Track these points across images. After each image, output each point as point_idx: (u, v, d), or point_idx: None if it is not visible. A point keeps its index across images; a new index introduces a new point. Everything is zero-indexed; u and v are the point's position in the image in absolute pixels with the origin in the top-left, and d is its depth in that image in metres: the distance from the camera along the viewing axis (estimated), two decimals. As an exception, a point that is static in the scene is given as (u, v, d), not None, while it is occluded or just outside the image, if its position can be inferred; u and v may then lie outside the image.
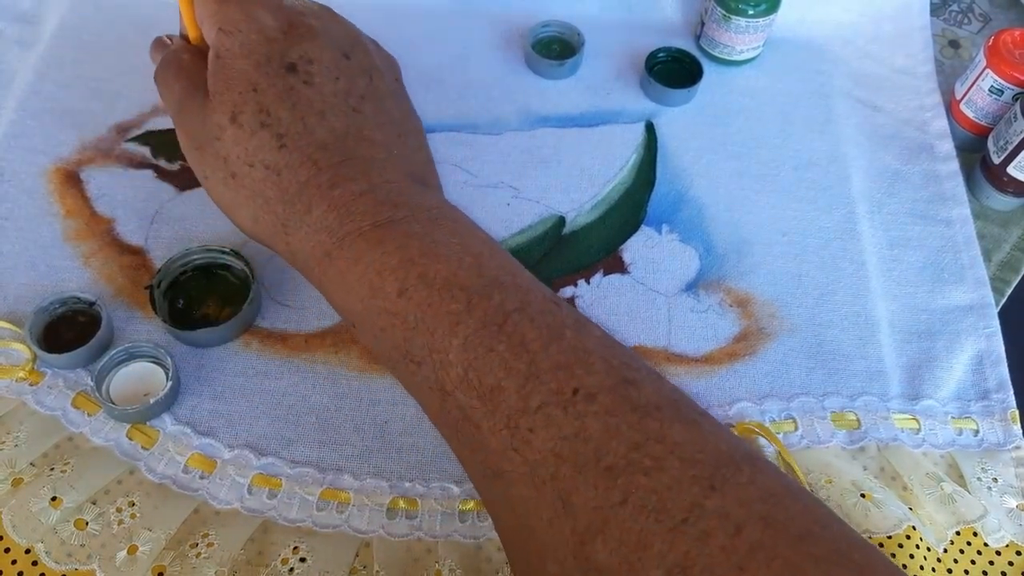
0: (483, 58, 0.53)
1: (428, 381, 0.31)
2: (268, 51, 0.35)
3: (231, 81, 0.35)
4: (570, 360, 0.30)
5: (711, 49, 0.54)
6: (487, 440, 0.30)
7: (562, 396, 0.29)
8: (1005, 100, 0.49)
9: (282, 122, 0.35)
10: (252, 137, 0.34)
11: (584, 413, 0.28)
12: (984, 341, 0.44)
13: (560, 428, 0.28)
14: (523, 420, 0.29)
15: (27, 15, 0.51)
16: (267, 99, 0.35)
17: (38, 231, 0.43)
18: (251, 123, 0.34)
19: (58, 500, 0.35)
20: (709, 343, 0.43)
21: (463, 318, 0.31)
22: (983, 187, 0.50)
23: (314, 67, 0.36)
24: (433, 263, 0.32)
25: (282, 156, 0.34)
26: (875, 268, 0.46)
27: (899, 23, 0.57)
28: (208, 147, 0.36)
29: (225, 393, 0.39)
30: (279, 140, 0.34)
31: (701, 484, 0.26)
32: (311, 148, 0.35)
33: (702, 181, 0.49)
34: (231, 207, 0.36)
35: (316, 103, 0.35)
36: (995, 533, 0.38)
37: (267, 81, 0.35)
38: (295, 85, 0.35)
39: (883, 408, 0.41)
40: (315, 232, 0.34)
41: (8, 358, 0.39)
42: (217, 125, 0.35)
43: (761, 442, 0.39)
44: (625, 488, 0.27)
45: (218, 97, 0.35)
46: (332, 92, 0.36)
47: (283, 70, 0.35)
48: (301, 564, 0.35)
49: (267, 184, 0.34)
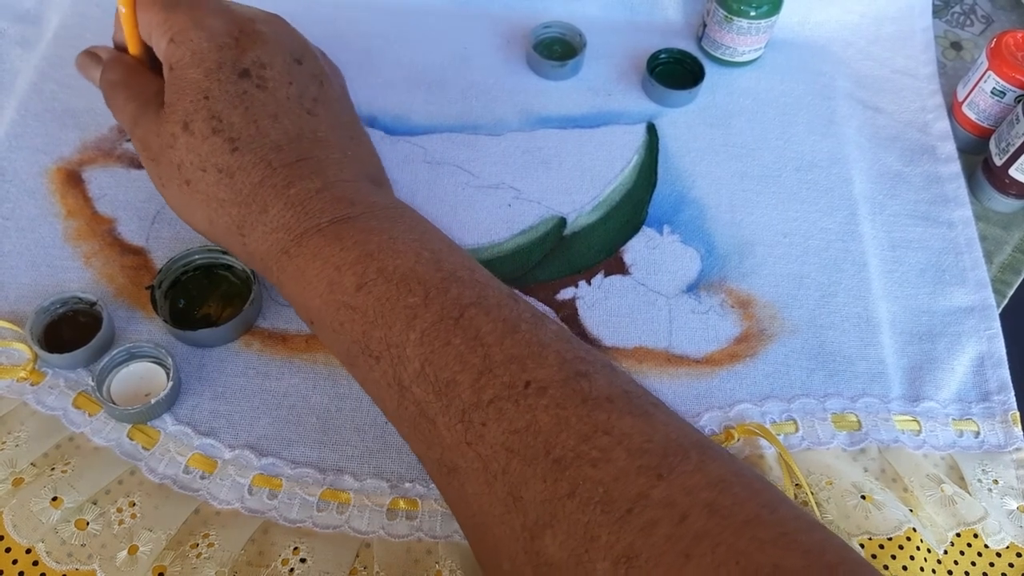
0: (485, 59, 0.53)
1: (386, 376, 0.32)
2: (220, 58, 0.35)
3: (183, 91, 0.35)
4: (524, 353, 0.30)
5: (713, 50, 0.54)
6: (442, 435, 0.30)
7: (514, 389, 0.29)
8: (1007, 102, 0.49)
9: (234, 126, 0.35)
10: (204, 142, 0.35)
11: (535, 406, 0.29)
12: (985, 343, 0.44)
13: (511, 421, 0.28)
14: (476, 414, 0.29)
15: (29, 15, 0.51)
16: (218, 105, 0.35)
17: (39, 231, 0.43)
18: (202, 129, 0.35)
19: (59, 500, 0.35)
20: (710, 344, 0.43)
21: (420, 312, 0.31)
22: (985, 189, 0.50)
23: (267, 72, 0.36)
24: (392, 257, 0.33)
25: (235, 159, 0.35)
26: (876, 270, 0.46)
27: (901, 25, 0.57)
28: (163, 156, 0.36)
29: (226, 393, 0.39)
30: (231, 144, 0.35)
31: (647, 474, 0.27)
32: (264, 149, 0.35)
33: (703, 182, 0.49)
34: (187, 212, 0.37)
35: (269, 106, 0.36)
36: (996, 535, 0.38)
37: (219, 88, 0.35)
38: (248, 89, 0.36)
39: (884, 410, 0.41)
40: (272, 231, 0.35)
41: (9, 358, 0.39)
42: (170, 134, 0.36)
43: (762, 443, 0.39)
44: (573, 480, 0.27)
45: (171, 107, 0.36)
46: (286, 96, 0.36)
47: (235, 76, 0.36)
48: (301, 565, 0.35)
49: (220, 187, 0.35)
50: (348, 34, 0.53)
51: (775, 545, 0.25)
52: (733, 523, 0.26)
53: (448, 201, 0.47)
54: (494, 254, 0.45)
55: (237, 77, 0.36)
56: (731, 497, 0.26)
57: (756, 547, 0.25)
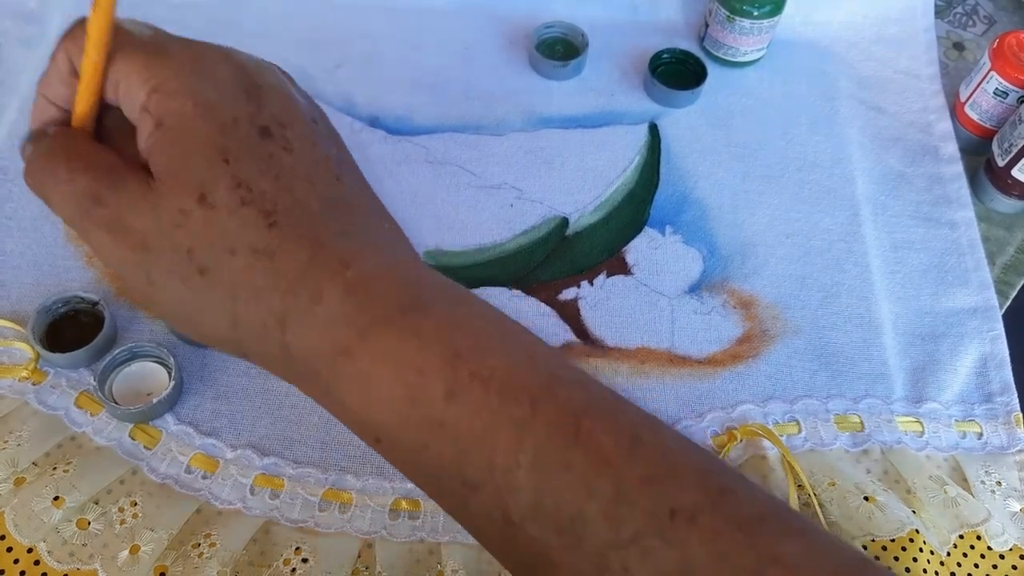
0: (487, 59, 0.53)
1: (487, 509, 0.26)
2: (234, 111, 0.28)
3: (190, 152, 0.27)
4: (658, 473, 0.25)
5: (715, 51, 0.54)
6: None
7: (658, 521, 0.24)
8: (1010, 102, 0.49)
9: (267, 196, 0.28)
10: (231, 217, 0.27)
11: (687, 541, 0.24)
12: (988, 344, 0.44)
13: (660, 562, 0.24)
14: (614, 555, 0.24)
15: (31, 14, 0.51)
16: (244, 170, 0.28)
17: (42, 231, 0.43)
18: (228, 201, 0.27)
19: (60, 499, 0.35)
20: (712, 345, 0.43)
21: (529, 426, 0.25)
22: (987, 190, 0.50)
23: (288, 132, 0.29)
24: (483, 356, 0.27)
25: (274, 235, 0.27)
26: (879, 270, 0.46)
27: (903, 25, 0.57)
28: (160, 242, 0.28)
29: (228, 393, 0.39)
30: (268, 217, 0.27)
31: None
32: (308, 222, 0.28)
33: (706, 183, 0.49)
34: (194, 314, 0.29)
35: (300, 171, 0.29)
36: (999, 537, 0.38)
37: (240, 148, 0.28)
38: (274, 152, 0.28)
39: (887, 411, 0.41)
40: (328, 325, 0.27)
41: (11, 357, 0.39)
42: (178, 211, 0.27)
43: (764, 444, 0.39)
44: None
45: (174, 177, 0.27)
46: (313, 159, 0.30)
47: (256, 135, 0.28)
48: (303, 564, 0.35)
49: (255, 273, 0.27)
50: (350, 35, 0.53)
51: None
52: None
53: (450, 201, 0.46)
54: (496, 254, 0.45)
55: (258, 137, 0.28)
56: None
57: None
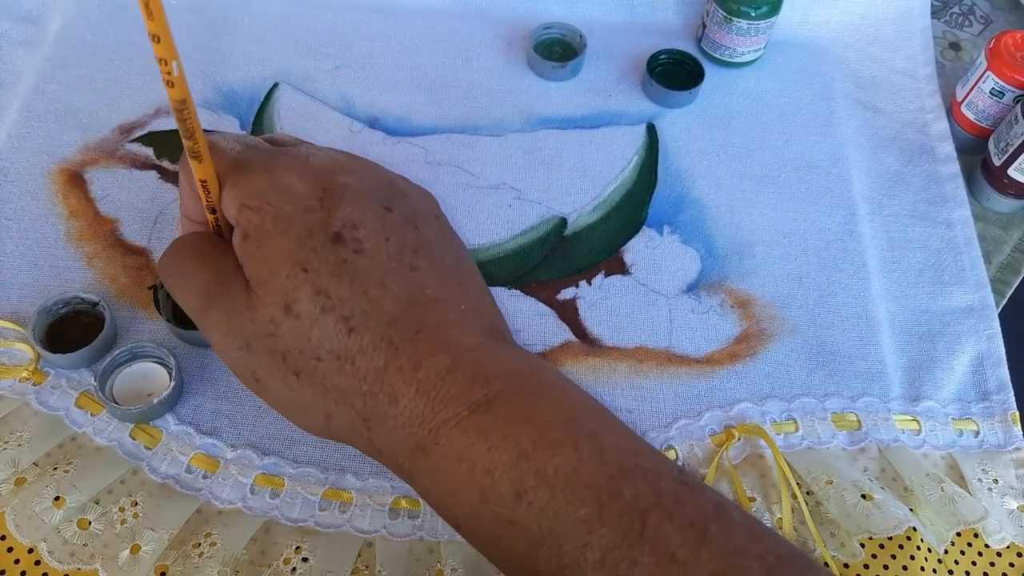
0: (485, 60, 0.53)
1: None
2: (307, 223, 0.30)
3: (273, 265, 0.30)
4: (725, 567, 0.25)
5: (712, 51, 0.54)
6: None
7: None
8: (1006, 102, 0.49)
9: (345, 302, 0.29)
10: (314, 326, 0.29)
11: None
12: (985, 343, 0.44)
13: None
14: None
15: (31, 16, 0.52)
16: (322, 279, 0.29)
17: (42, 232, 0.43)
18: (310, 310, 0.29)
19: (61, 500, 0.35)
20: (710, 344, 0.43)
21: (595, 526, 0.26)
22: (984, 189, 0.50)
23: (360, 232, 0.31)
24: (549, 455, 0.27)
25: (353, 341, 0.29)
26: (876, 269, 0.46)
27: (900, 25, 0.57)
28: (259, 345, 0.30)
29: (228, 393, 0.39)
30: (346, 324, 0.29)
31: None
32: (382, 326, 0.30)
33: (703, 183, 0.49)
34: (295, 410, 0.31)
35: (374, 272, 0.30)
36: (996, 534, 0.38)
37: (316, 257, 0.30)
38: (347, 257, 0.30)
39: (884, 409, 0.42)
40: (404, 424, 0.29)
41: (12, 358, 0.39)
42: (269, 320, 0.30)
43: (762, 443, 0.40)
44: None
45: (263, 287, 0.30)
46: (386, 256, 0.31)
47: (329, 242, 0.30)
48: (303, 564, 0.35)
49: (340, 377, 0.30)
50: (350, 36, 0.53)
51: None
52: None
53: (449, 202, 0.47)
54: (495, 254, 0.45)
55: (331, 243, 0.30)
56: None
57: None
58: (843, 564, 0.37)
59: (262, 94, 0.50)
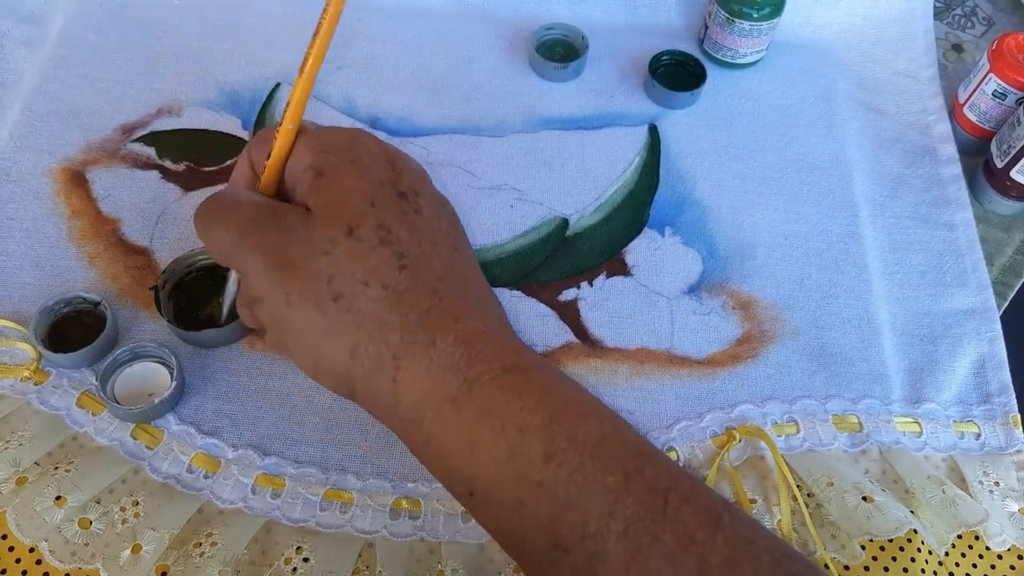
0: (487, 61, 0.53)
1: (576, 572, 0.26)
2: (380, 175, 0.32)
3: (344, 196, 0.32)
4: (737, 554, 0.26)
5: (715, 52, 0.54)
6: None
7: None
8: (1008, 104, 0.49)
9: (402, 242, 0.31)
10: (371, 253, 0.31)
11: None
12: (986, 345, 0.44)
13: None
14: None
15: (33, 16, 0.52)
16: (386, 217, 0.31)
17: (44, 231, 0.43)
18: (370, 237, 0.31)
19: (62, 499, 0.35)
20: (712, 345, 0.43)
21: (622, 496, 0.26)
22: (986, 191, 0.50)
23: (421, 200, 0.33)
24: (579, 423, 0.28)
25: (404, 277, 0.31)
26: (878, 271, 0.46)
27: (903, 27, 0.57)
28: (308, 264, 0.31)
29: (229, 393, 0.40)
30: (400, 259, 0.31)
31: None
32: (431, 275, 0.32)
33: (705, 184, 0.49)
34: (321, 338, 0.31)
35: (428, 233, 0.33)
36: (997, 537, 0.38)
37: (384, 200, 0.32)
38: (407, 211, 0.32)
39: (885, 411, 0.42)
40: (437, 369, 0.30)
41: (13, 357, 0.39)
42: (328, 239, 0.31)
43: (763, 444, 0.40)
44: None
45: (329, 211, 0.31)
46: (438, 227, 0.34)
47: (395, 195, 0.32)
48: (304, 564, 0.35)
49: (384, 306, 0.30)
50: (352, 36, 0.53)
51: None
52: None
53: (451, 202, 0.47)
54: (497, 255, 0.45)
55: (397, 197, 0.32)
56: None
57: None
58: (844, 566, 0.37)
59: (264, 94, 0.50)
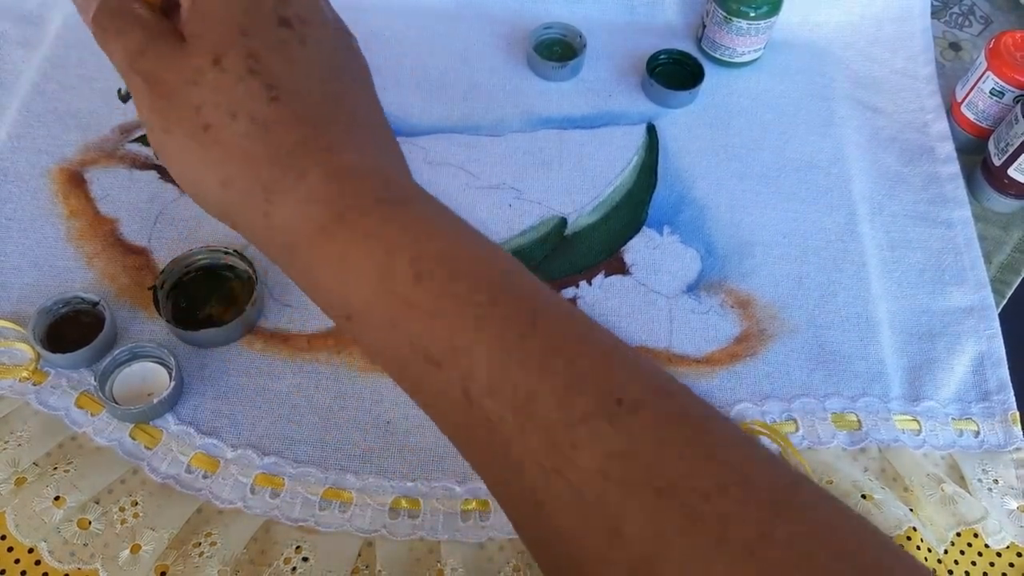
0: (485, 60, 0.53)
1: (449, 385, 0.27)
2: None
3: (213, 22, 0.30)
4: (607, 366, 0.26)
5: (712, 51, 0.54)
6: (521, 459, 0.26)
7: (606, 406, 0.25)
8: (1006, 102, 0.49)
9: (274, 73, 0.30)
10: (238, 84, 0.29)
11: (631, 427, 0.25)
12: (985, 343, 0.44)
13: (607, 444, 0.25)
14: (564, 435, 0.25)
15: (31, 16, 0.52)
16: (257, 45, 0.30)
17: (42, 232, 0.43)
18: (238, 68, 0.30)
19: (61, 499, 0.35)
20: (710, 344, 0.43)
21: (488, 311, 0.27)
22: (984, 189, 0.50)
23: (307, 29, 0.32)
24: (452, 247, 0.29)
25: (273, 110, 0.30)
26: (876, 269, 0.46)
27: (900, 26, 0.57)
28: (179, 93, 0.30)
29: (228, 393, 0.40)
30: (270, 91, 0.30)
31: (765, 509, 0.24)
32: (306, 107, 0.30)
33: (703, 183, 0.49)
34: (195, 168, 0.31)
35: (309, 64, 0.31)
36: (996, 534, 0.38)
37: (258, 27, 0.30)
38: (288, 40, 0.31)
39: (884, 409, 0.42)
40: (307, 202, 0.29)
41: (12, 358, 0.39)
42: (194, 68, 0.30)
43: (764, 442, 0.40)
44: (683, 514, 0.24)
45: (197, 39, 0.30)
46: (323, 59, 0.32)
47: (275, 22, 0.31)
48: (304, 563, 0.35)
49: (251, 140, 0.29)
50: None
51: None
52: (859, 567, 0.24)
53: (449, 202, 0.46)
54: (495, 254, 0.45)
55: (277, 23, 0.31)
56: (853, 538, 0.24)
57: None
58: (843, 564, 0.37)
59: (262, 94, 0.50)
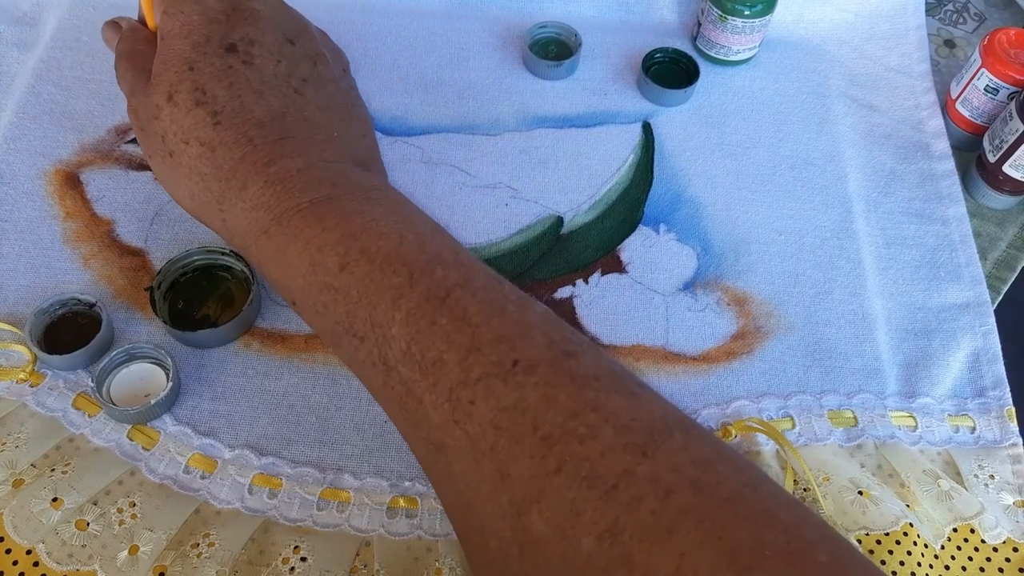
0: (481, 59, 0.53)
1: (371, 356, 0.32)
2: (208, 32, 0.36)
3: (169, 61, 0.36)
4: (511, 333, 0.30)
5: (708, 49, 0.54)
6: (429, 414, 0.30)
7: (502, 368, 0.29)
8: (1000, 99, 0.49)
9: (218, 100, 0.35)
10: (187, 115, 0.35)
11: (523, 384, 0.29)
12: (980, 339, 0.44)
13: (500, 399, 0.29)
14: (464, 392, 0.29)
15: (26, 17, 0.52)
16: (203, 78, 0.35)
17: (38, 233, 0.43)
18: (186, 101, 0.35)
19: (59, 501, 0.35)
20: (707, 342, 0.43)
21: (405, 292, 0.31)
22: (979, 186, 0.50)
23: (255, 48, 0.37)
24: (375, 239, 0.32)
25: (217, 133, 0.35)
26: (872, 266, 0.46)
27: (895, 23, 0.57)
28: (149, 127, 0.37)
29: (225, 393, 0.40)
30: (214, 117, 0.35)
31: (633, 451, 0.27)
32: (247, 126, 0.35)
33: (699, 181, 0.49)
34: (170, 184, 0.38)
35: (254, 83, 0.36)
36: (992, 530, 0.38)
37: (204, 60, 0.36)
38: (233, 64, 0.36)
39: (880, 406, 0.42)
40: (251, 209, 0.35)
41: (9, 360, 0.39)
42: (155, 105, 0.36)
43: (759, 440, 0.40)
44: (560, 457, 0.27)
45: (157, 78, 0.36)
46: (272, 73, 0.37)
47: (222, 50, 0.36)
48: (302, 563, 0.35)
49: (202, 160, 0.35)
50: (345, 36, 0.53)
51: (756, 522, 0.26)
52: (716, 500, 0.26)
53: (446, 201, 0.47)
54: (492, 253, 0.45)
55: (224, 52, 0.36)
56: (715, 475, 0.27)
57: (739, 524, 0.25)
58: (840, 560, 0.37)
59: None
